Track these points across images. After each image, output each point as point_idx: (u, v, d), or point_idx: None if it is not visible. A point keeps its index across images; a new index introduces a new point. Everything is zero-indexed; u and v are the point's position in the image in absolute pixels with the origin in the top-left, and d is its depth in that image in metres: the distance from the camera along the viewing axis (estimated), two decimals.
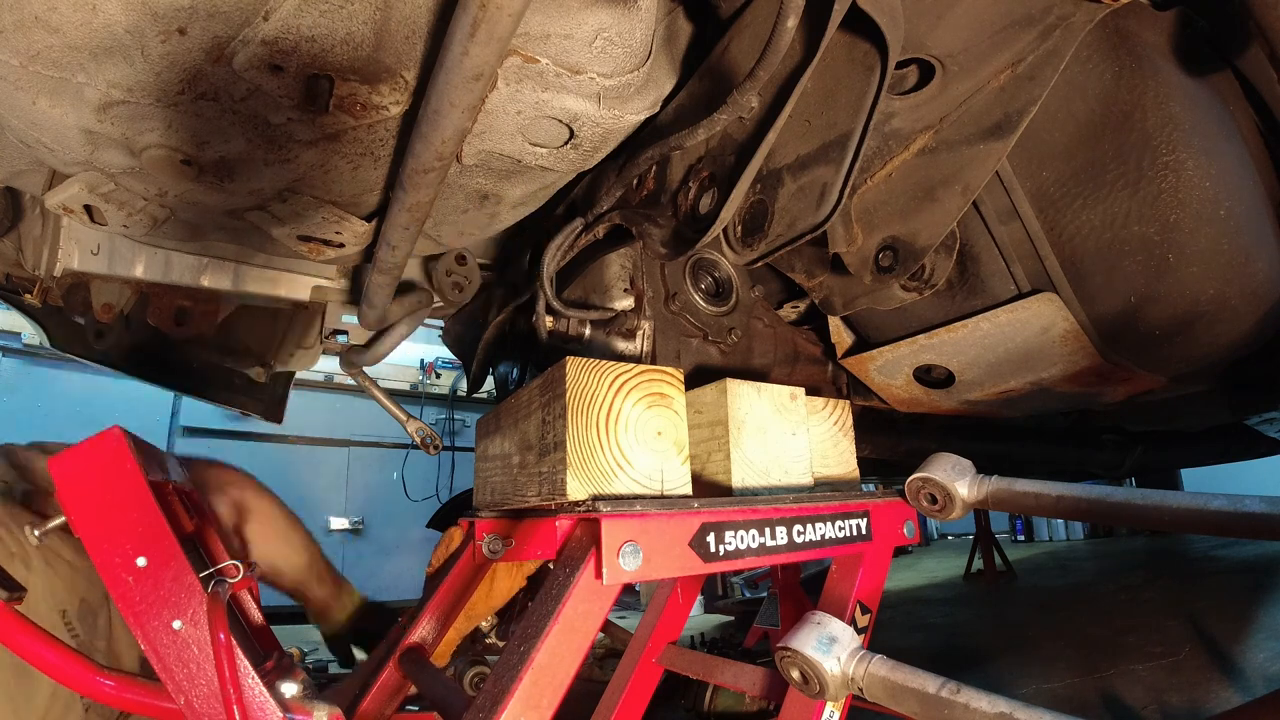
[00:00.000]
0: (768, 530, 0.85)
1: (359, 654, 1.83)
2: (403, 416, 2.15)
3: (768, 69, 0.85)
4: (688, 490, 0.85)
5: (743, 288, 1.34)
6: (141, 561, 0.80)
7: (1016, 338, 1.23)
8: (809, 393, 1.03)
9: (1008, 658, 2.76)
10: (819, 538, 0.91)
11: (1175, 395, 1.49)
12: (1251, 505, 0.60)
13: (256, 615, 1.18)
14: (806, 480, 0.98)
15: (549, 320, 1.23)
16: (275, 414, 2.78)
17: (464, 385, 7.92)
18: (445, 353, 7.84)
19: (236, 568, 0.95)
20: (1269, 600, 2.91)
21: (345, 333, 1.98)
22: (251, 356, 2.54)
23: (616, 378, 0.84)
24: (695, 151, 1.16)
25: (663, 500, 0.80)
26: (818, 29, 0.87)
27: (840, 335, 1.51)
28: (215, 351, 2.45)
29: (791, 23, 0.79)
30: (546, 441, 0.88)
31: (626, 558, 0.73)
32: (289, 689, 0.87)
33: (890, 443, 1.94)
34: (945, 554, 7.73)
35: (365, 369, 2.01)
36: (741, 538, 0.83)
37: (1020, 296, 1.18)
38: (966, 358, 1.32)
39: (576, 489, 0.79)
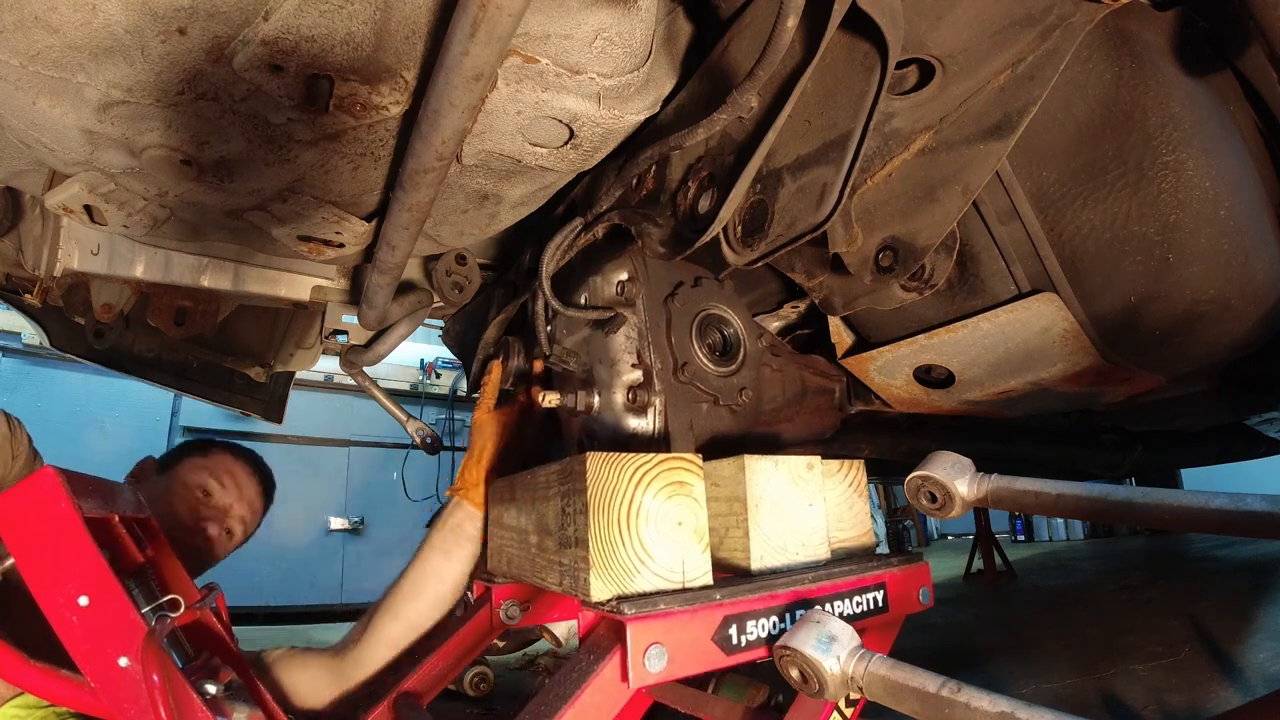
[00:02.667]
0: (788, 615, 0.83)
1: None
2: (403, 416, 2.15)
3: (767, 69, 0.85)
4: (708, 579, 0.83)
5: (750, 338, 1.31)
6: (83, 601, 0.80)
7: (1017, 338, 1.23)
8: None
9: (1008, 657, 2.76)
10: (838, 616, 0.90)
11: (1175, 395, 1.49)
12: (1253, 503, 0.60)
13: (210, 619, 1.16)
14: (824, 552, 0.96)
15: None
16: (275, 414, 2.79)
17: (464, 385, 7.92)
18: (445, 353, 7.84)
19: (178, 601, 0.95)
20: (1269, 600, 2.91)
21: (345, 333, 1.98)
22: (251, 356, 2.54)
23: (636, 470, 0.83)
24: (695, 151, 1.16)
25: (685, 595, 0.79)
26: (818, 29, 0.87)
27: (840, 335, 1.51)
28: (215, 351, 2.45)
29: (791, 23, 0.79)
30: (567, 533, 0.87)
31: (652, 660, 0.72)
32: (210, 688, 0.87)
33: (890, 443, 1.94)
34: (945, 554, 7.73)
35: (365, 369, 2.01)
36: (763, 625, 0.82)
37: (1020, 296, 1.18)
38: (966, 358, 1.32)
39: (600, 589, 0.77)
